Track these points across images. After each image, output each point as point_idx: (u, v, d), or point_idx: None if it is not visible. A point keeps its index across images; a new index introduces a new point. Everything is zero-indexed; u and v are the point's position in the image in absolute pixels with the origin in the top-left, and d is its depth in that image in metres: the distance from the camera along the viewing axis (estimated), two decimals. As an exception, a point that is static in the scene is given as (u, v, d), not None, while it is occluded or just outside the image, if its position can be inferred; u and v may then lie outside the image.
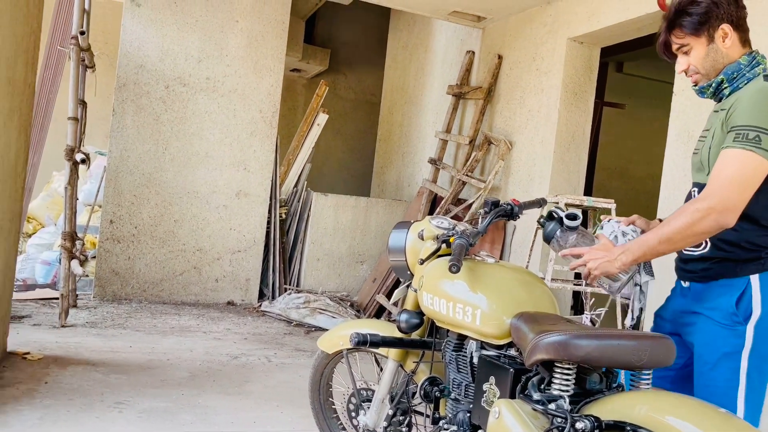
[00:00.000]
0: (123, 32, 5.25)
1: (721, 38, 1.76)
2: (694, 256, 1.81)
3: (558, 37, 4.58)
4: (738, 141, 1.62)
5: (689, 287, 1.85)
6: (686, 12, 1.77)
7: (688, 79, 1.86)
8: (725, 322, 1.71)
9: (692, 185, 1.88)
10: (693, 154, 1.90)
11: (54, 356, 3.57)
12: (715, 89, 1.80)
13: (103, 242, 5.25)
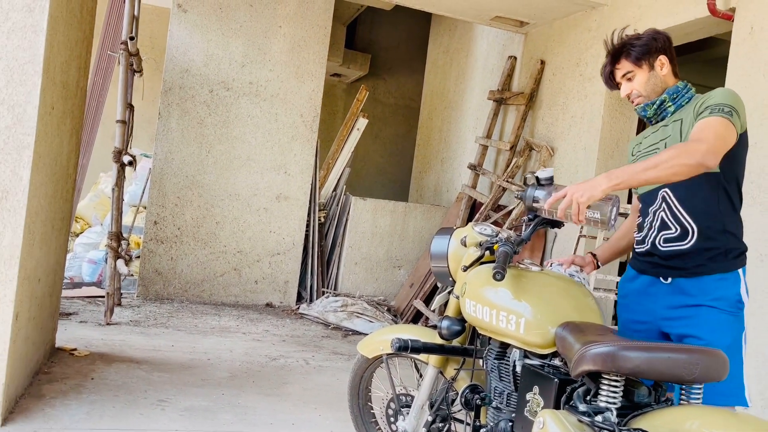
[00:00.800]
0: (170, 37, 5.38)
1: (659, 67, 2.09)
2: (682, 251, 1.97)
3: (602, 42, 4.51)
4: (715, 112, 1.87)
5: (671, 283, 2.00)
6: (631, 45, 2.09)
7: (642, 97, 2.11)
8: (732, 310, 1.92)
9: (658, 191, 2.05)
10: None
11: (99, 353, 3.67)
12: (658, 107, 2.09)
13: (147, 242, 5.37)
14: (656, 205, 2.05)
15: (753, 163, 3.20)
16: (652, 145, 2.09)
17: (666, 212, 2.03)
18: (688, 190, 1.98)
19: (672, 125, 2.04)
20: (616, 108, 4.48)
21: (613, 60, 2.13)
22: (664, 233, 2.02)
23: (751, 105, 3.27)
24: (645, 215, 2.10)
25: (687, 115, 2.00)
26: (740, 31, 3.40)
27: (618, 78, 2.15)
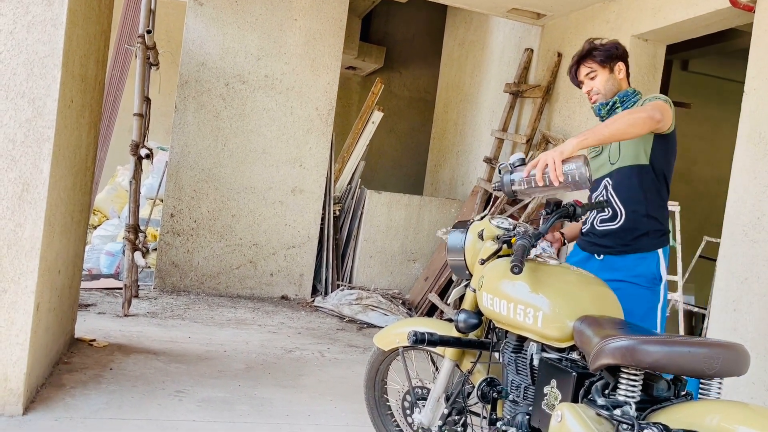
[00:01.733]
0: (186, 31, 5.40)
1: (617, 71, 2.41)
2: (612, 230, 2.30)
3: (621, 34, 4.46)
4: (654, 98, 2.27)
5: (603, 260, 2.33)
6: (597, 48, 2.41)
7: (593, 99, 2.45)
8: (648, 285, 2.28)
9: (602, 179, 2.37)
10: (593, 157, 2.43)
11: (118, 344, 3.71)
12: (610, 107, 2.40)
13: (164, 235, 5.41)
14: (598, 191, 2.39)
15: (774, 157, 3.16)
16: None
17: (603, 197, 2.38)
18: (621, 180, 2.33)
19: None
20: (634, 101, 4.43)
21: (579, 60, 2.43)
22: (600, 215, 2.37)
23: (772, 97, 3.22)
24: (589, 200, 2.42)
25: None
26: (762, 22, 3.35)
27: (581, 76, 2.45)
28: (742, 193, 3.33)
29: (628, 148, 2.33)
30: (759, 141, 3.26)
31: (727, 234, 3.39)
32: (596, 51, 2.40)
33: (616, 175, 2.33)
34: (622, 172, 2.30)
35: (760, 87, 3.31)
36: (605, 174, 2.37)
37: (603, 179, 2.38)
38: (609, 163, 2.37)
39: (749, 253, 3.22)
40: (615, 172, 2.33)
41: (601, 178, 2.38)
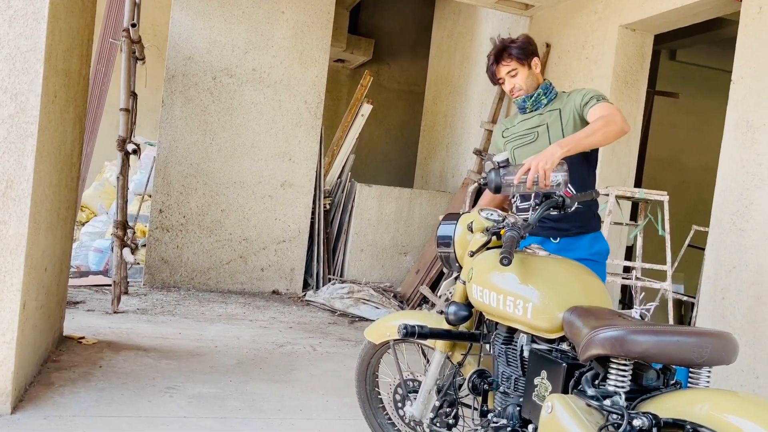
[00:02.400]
0: (172, 24, 5.35)
1: (534, 66, 2.60)
2: (567, 214, 2.34)
3: (609, 24, 4.46)
4: (601, 100, 2.44)
5: (559, 242, 2.50)
6: (512, 47, 2.56)
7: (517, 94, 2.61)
8: (603, 261, 2.53)
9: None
10: (526, 144, 2.59)
11: (107, 341, 3.68)
12: (535, 99, 2.60)
13: (153, 231, 5.38)
14: None
15: (761, 145, 3.17)
16: (531, 128, 2.60)
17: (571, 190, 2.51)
18: (571, 169, 2.39)
19: (549, 114, 2.58)
20: (623, 91, 4.43)
21: (497, 59, 2.58)
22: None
23: (759, 86, 3.23)
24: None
25: (565, 106, 2.54)
26: (749, 11, 3.35)
27: (502, 74, 2.60)
28: (729, 182, 3.34)
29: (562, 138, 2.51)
30: (746, 130, 3.27)
31: (715, 223, 3.40)
32: (513, 49, 2.56)
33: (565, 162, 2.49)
34: (570, 160, 2.37)
35: (747, 75, 3.32)
36: None
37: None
38: None
39: (737, 242, 3.24)
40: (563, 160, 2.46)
41: None
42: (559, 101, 2.61)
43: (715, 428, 1.31)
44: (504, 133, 2.72)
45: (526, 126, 2.63)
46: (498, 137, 2.76)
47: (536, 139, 2.58)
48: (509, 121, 2.77)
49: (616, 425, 1.43)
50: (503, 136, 2.71)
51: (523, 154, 2.58)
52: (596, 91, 2.50)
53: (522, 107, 2.65)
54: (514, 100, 2.65)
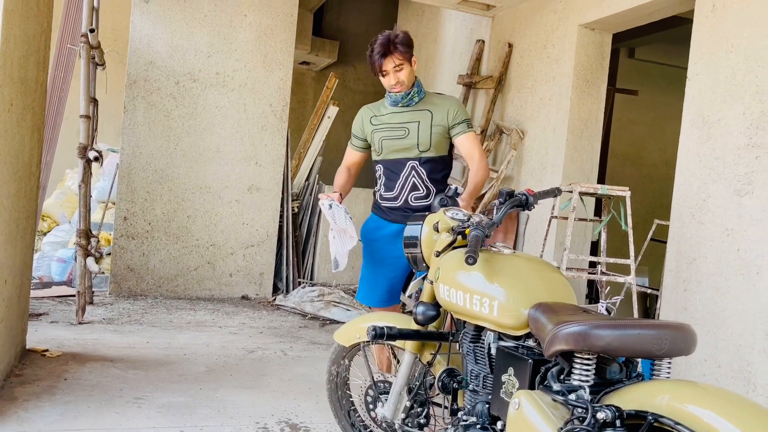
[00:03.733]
0: (132, 29, 5.27)
1: (413, 64, 2.82)
2: (427, 205, 2.80)
3: (569, 23, 4.53)
4: (469, 128, 2.85)
5: None
6: (399, 43, 2.74)
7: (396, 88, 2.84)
8: None
9: (407, 161, 2.86)
10: (397, 139, 2.84)
11: (72, 353, 3.61)
12: (410, 96, 2.84)
13: (118, 239, 5.28)
14: (406, 173, 2.85)
15: (717, 140, 3.26)
16: (402, 123, 2.84)
17: (416, 179, 2.85)
18: (431, 166, 2.85)
19: (420, 113, 2.83)
20: (584, 89, 4.51)
21: (386, 52, 2.72)
22: (414, 193, 2.86)
23: (714, 82, 3.32)
24: (393, 179, 2.88)
25: (436, 112, 2.82)
26: (702, 9, 3.44)
27: (388, 68, 2.76)
28: (688, 176, 3.43)
29: (437, 142, 2.83)
30: (702, 125, 3.36)
31: (676, 216, 3.49)
32: (401, 45, 2.73)
33: (426, 161, 2.84)
34: (432, 159, 2.84)
35: (701, 72, 3.41)
36: (412, 157, 2.85)
37: (409, 161, 2.85)
38: (417, 149, 2.84)
39: (697, 235, 3.32)
40: (425, 158, 2.84)
41: (407, 160, 2.86)
42: (428, 102, 2.86)
43: (676, 418, 1.34)
44: (372, 120, 2.92)
45: (398, 120, 2.85)
46: (365, 123, 2.95)
47: (407, 135, 2.83)
48: (376, 108, 2.96)
49: (581, 419, 1.45)
50: (372, 123, 2.92)
51: (391, 146, 2.86)
52: (465, 112, 2.86)
53: (395, 101, 2.85)
54: (392, 94, 2.84)
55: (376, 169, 2.97)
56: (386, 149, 2.88)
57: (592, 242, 4.64)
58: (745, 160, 3.09)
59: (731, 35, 3.24)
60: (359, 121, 3.00)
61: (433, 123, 2.83)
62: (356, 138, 3.04)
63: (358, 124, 3.00)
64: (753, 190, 3.04)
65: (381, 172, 2.94)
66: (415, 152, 2.84)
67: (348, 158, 3.08)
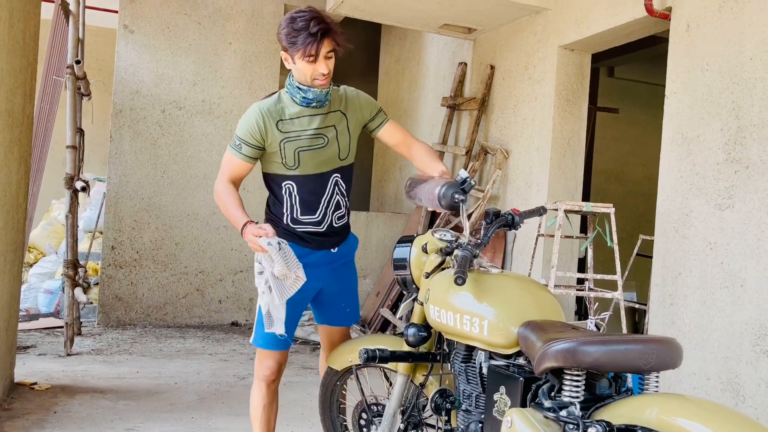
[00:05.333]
0: (117, 59, 5.30)
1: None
2: (344, 224, 2.47)
3: (549, 45, 4.63)
4: (386, 115, 2.54)
5: (337, 251, 2.45)
6: (334, 27, 2.24)
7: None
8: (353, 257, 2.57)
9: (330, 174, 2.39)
10: (317, 149, 2.34)
11: (61, 385, 3.57)
12: (327, 95, 2.34)
13: (106, 268, 5.26)
14: (330, 189, 2.40)
15: (697, 155, 3.33)
16: (319, 130, 2.33)
17: (339, 195, 2.42)
18: (347, 176, 2.45)
19: (333, 116, 2.37)
20: (566, 108, 4.59)
21: (326, 33, 2.19)
22: (337, 213, 2.43)
23: (691, 100, 3.40)
24: (314, 198, 2.37)
25: (350, 111, 2.41)
26: (677, 29, 3.54)
27: (323, 51, 2.22)
28: (670, 191, 3.49)
29: (354, 146, 2.45)
30: (682, 142, 3.44)
31: (660, 231, 3.54)
32: (336, 30, 2.24)
33: (346, 171, 2.43)
34: (350, 168, 2.45)
35: (679, 90, 3.49)
36: (334, 169, 2.38)
37: (332, 174, 2.38)
38: (338, 159, 2.38)
39: (681, 249, 3.38)
40: (345, 168, 2.42)
41: (330, 173, 2.37)
42: (337, 101, 2.40)
43: (665, 431, 1.37)
44: (280, 126, 2.30)
45: (314, 125, 2.32)
46: (269, 128, 2.29)
47: (326, 144, 2.34)
48: (277, 109, 2.32)
49: (572, 435, 1.47)
50: (279, 129, 2.30)
51: (312, 158, 2.32)
52: (377, 102, 2.53)
53: (309, 100, 2.30)
54: (311, 91, 2.28)
55: (284, 187, 2.37)
56: (305, 162, 2.33)
57: (579, 259, 4.68)
58: (724, 175, 3.16)
59: (706, 54, 3.33)
60: (255, 125, 2.30)
61: (350, 125, 2.40)
62: (248, 146, 2.34)
63: (254, 129, 2.31)
64: (733, 204, 3.10)
65: (294, 190, 2.35)
66: (336, 163, 2.38)
67: (233, 171, 2.40)
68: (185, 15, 5.51)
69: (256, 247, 2.17)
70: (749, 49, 3.08)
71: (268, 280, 2.17)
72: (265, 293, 2.20)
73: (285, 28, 2.21)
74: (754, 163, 3.01)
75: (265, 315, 2.23)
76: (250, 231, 2.19)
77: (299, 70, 2.27)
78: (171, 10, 5.46)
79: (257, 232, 2.17)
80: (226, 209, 2.35)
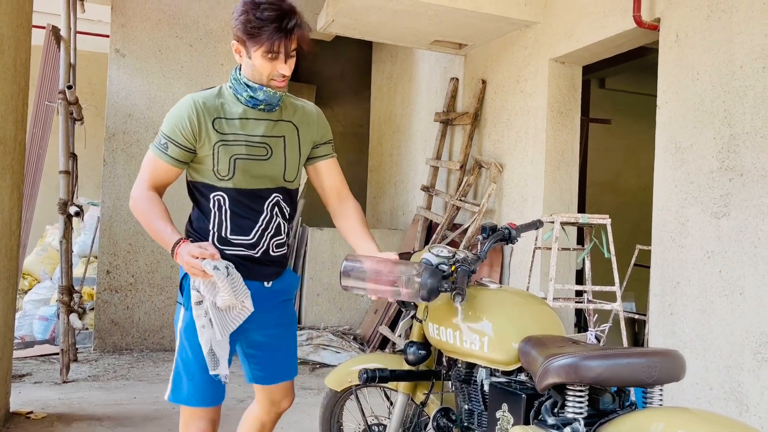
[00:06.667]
0: (109, 83, 5.30)
1: None
2: (283, 253, 2.10)
3: (540, 58, 4.65)
4: (333, 149, 2.20)
5: (271, 286, 2.09)
6: (306, 26, 1.90)
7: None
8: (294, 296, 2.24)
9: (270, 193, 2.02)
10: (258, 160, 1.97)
11: (57, 413, 3.52)
12: (280, 99, 2.00)
13: (101, 293, 5.22)
14: (269, 209, 2.02)
15: (691, 164, 3.34)
16: (263, 138, 1.97)
17: (281, 219, 2.06)
18: (293, 203, 2.11)
19: (283, 126, 2.02)
20: (558, 121, 4.61)
21: (294, 27, 1.85)
22: (276, 239, 2.06)
23: (683, 109, 3.41)
24: (249, 216, 1.99)
25: (303, 125, 2.07)
26: (667, 39, 3.56)
27: (288, 50, 1.88)
28: (666, 201, 3.49)
29: (300, 170, 2.10)
30: (675, 151, 3.44)
31: (657, 241, 3.53)
32: (308, 28, 1.92)
33: (290, 194, 2.08)
34: (292, 192, 2.09)
35: (671, 100, 3.50)
36: (276, 188, 2.03)
37: (273, 193, 2.02)
38: (283, 177, 2.03)
39: (679, 258, 3.37)
40: (289, 191, 2.08)
41: (270, 192, 2.01)
42: (291, 110, 2.05)
43: (671, 445, 1.35)
44: (217, 126, 1.94)
45: (258, 131, 1.97)
46: (203, 126, 1.92)
47: (269, 156, 1.99)
48: (214, 107, 1.96)
49: (577, 452, 1.45)
50: (216, 129, 1.93)
51: (250, 169, 1.96)
52: (329, 132, 2.16)
53: (256, 100, 1.95)
54: (265, 91, 1.93)
55: (212, 199, 2.01)
56: (242, 174, 1.95)
57: (577, 271, 4.67)
58: (719, 183, 3.16)
59: (696, 63, 3.34)
60: (186, 120, 1.92)
61: (301, 141, 2.06)
62: (176, 146, 1.94)
63: (185, 124, 1.92)
64: (729, 212, 3.10)
65: (226, 204, 1.99)
66: (278, 182, 2.03)
67: (157, 176, 2.01)
68: (177, 38, 5.52)
69: (196, 272, 1.81)
70: (739, 58, 3.10)
71: (209, 311, 1.86)
72: (205, 327, 1.87)
73: (243, 15, 1.85)
74: (748, 171, 3.02)
75: (207, 354, 1.90)
76: (187, 252, 1.82)
77: (254, 67, 1.91)
78: (162, 33, 5.48)
79: (197, 253, 1.80)
80: (148, 222, 1.96)
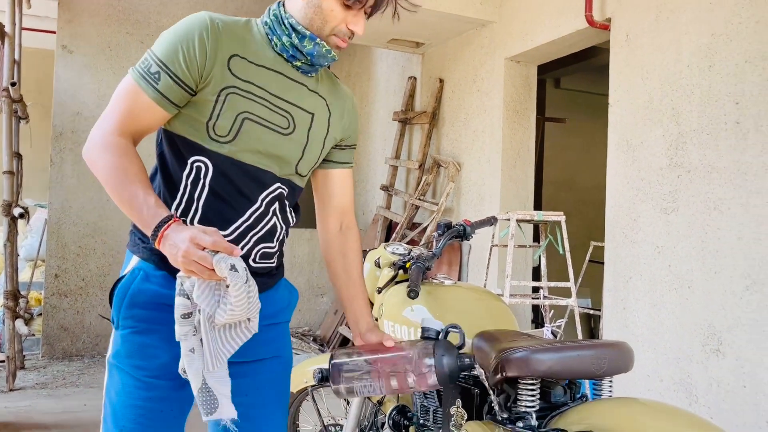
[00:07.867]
0: (56, 80, 5.14)
1: None
2: (271, 266, 1.51)
3: (495, 57, 4.69)
4: (352, 162, 1.67)
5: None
6: None
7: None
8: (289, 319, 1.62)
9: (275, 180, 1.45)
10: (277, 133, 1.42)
11: (4, 422, 3.39)
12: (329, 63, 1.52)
13: (49, 298, 5.04)
14: (266, 200, 1.45)
15: (641, 162, 3.41)
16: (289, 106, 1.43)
17: (277, 218, 1.49)
18: (295, 203, 1.56)
19: (317, 100, 1.50)
20: (514, 120, 4.65)
21: None
22: (264, 246, 1.47)
23: (633, 108, 3.48)
24: (236, 202, 1.41)
25: (338, 116, 1.56)
26: (617, 39, 3.63)
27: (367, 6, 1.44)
28: (618, 198, 3.56)
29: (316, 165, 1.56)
30: (627, 149, 3.51)
31: (610, 237, 3.60)
32: None
33: (297, 193, 1.56)
34: (298, 190, 1.55)
35: (621, 99, 3.57)
36: (283, 177, 1.47)
37: (276, 182, 1.46)
38: (296, 169, 1.50)
39: (631, 254, 3.43)
40: (295, 187, 1.53)
41: (274, 178, 1.46)
42: (330, 87, 1.56)
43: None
44: (232, 65, 1.36)
45: (286, 94, 1.43)
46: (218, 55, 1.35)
47: (291, 132, 1.44)
48: (237, 37, 1.39)
49: (530, 445, 1.45)
50: (231, 69, 1.36)
51: (261, 138, 1.39)
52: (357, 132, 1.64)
53: (297, 51, 1.42)
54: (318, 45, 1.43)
55: (190, 165, 1.41)
56: (246, 140, 1.39)
57: (533, 268, 4.73)
58: (668, 180, 3.24)
59: (646, 63, 3.42)
60: (197, 41, 1.34)
61: (331, 128, 1.54)
62: (173, 78, 1.36)
63: (194, 47, 1.34)
64: (678, 208, 3.17)
65: (208, 176, 1.39)
66: (290, 169, 1.48)
67: (135, 117, 1.38)
68: (127, 34, 5.39)
69: (200, 270, 1.17)
70: (686, 57, 3.18)
71: (198, 329, 1.24)
72: (195, 352, 1.24)
73: None
74: (695, 167, 3.09)
75: (199, 393, 1.26)
76: (188, 238, 1.18)
77: (318, 8, 1.39)
78: (112, 29, 5.34)
79: (208, 242, 1.17)
80: (117, 185, 1.32)
